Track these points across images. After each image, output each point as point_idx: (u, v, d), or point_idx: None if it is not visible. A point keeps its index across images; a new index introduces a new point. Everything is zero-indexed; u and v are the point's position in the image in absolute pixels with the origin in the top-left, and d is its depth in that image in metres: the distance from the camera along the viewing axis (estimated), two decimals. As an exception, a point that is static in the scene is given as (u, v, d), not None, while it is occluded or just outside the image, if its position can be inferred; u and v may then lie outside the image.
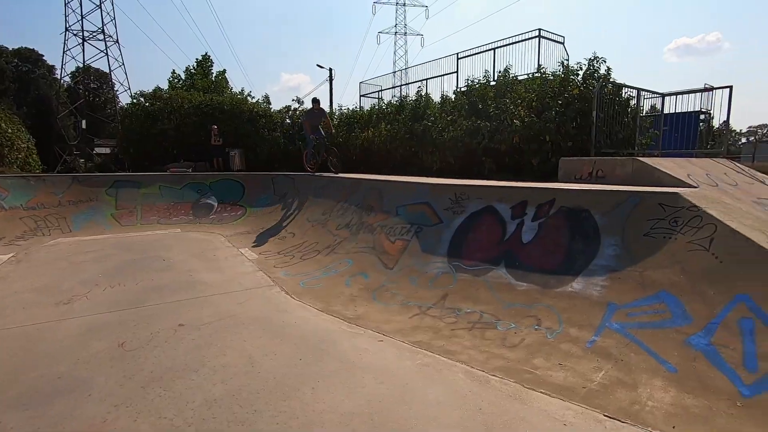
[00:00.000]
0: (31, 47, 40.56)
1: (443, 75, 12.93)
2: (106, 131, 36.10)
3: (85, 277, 5.56)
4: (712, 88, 7.83)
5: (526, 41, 10.42)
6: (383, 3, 57.25)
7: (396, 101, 13.11)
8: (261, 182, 11.50)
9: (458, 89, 11.35)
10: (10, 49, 38.60)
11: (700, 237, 3.36)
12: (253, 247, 7.59)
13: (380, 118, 12.62)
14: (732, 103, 7.41)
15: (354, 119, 13.71)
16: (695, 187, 4.47)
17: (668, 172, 4.91)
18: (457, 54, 12.32)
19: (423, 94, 12.07)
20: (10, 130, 12.54)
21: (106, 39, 35.54)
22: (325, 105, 14.41)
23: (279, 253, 6.94)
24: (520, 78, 9.82)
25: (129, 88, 37.50)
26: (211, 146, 13.26)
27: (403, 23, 56.91)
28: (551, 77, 8.55)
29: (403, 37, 57.34)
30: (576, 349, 3.13)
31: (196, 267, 6.17)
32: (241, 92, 17.48)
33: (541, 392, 2.73)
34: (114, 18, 36.38)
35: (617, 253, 3.72)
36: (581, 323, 3.35)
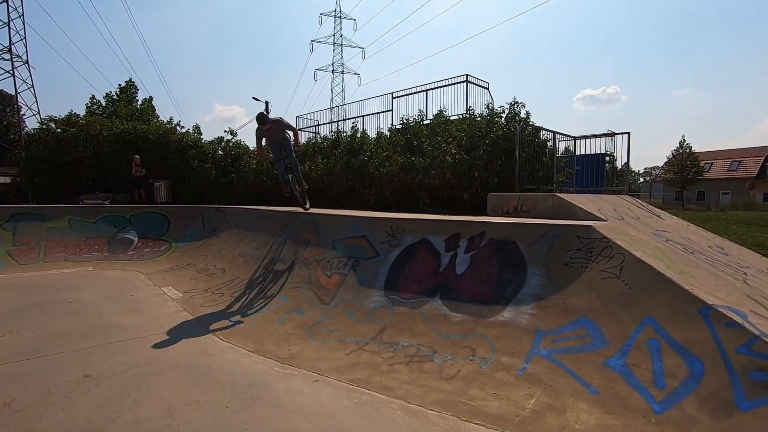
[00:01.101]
0: None
1: (379, 112, 13.39)
2: (7, 158, 32.28)
3: (-33, 326, 4.76)
4: (614, 134, 8.90)
5: (455, 85, 11.19)
6: (320, 42, 58.89)
7: (332, 136, 13.26)
8: (189, 215, 10.85)
9: (393, 126, 11.78)
10: None
11: (612, 265, 3.69)
12: (177, 285, 7.03)
13: (316, 152, 12.65)
14: (630, 146, 8.46)
15: (290, 152, 13.60)
16: (605, 221, 4.95)
17: (582, 207, 5.40)
18: (392, 93, 12.87)
19: (359, 129, 12.36)
20: None
21: (13, 58, 32.51)
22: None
23: (207, 291, 6.49)
24: (451, 118, 10.45)
25: (38, 113, 34.25)
26: (132, 177, 12.36)
27: (340, 62, 58.71)
28: (479, 118, 9.21)
29: (341, 75, 59.02)
30: (509, 377, 3.22)
31: (110, 309, 5.56)
32: (170, 121, 16.69)
33: (477, 424, 2.75)
34: (24, 36, 33.57)
35: (542, 281, 3.95)
36: (513, 351, 3.46)
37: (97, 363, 3.76)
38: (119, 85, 26.96)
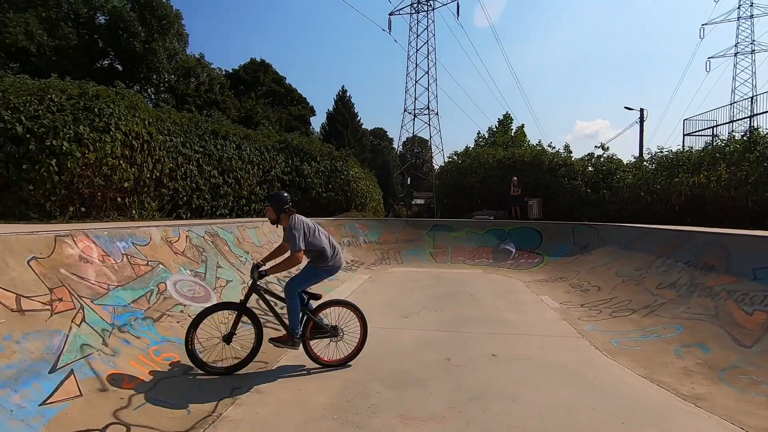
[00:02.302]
0: (380, 126, 55.47)
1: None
2: (421, 186, 44.40)
3: (416, 300, 6.91)
4: None
5: None
6: (716, 23, 47.00)
7: (743, 136, 10.30)
8: (560, 231, 11.27)
9: None
10: (369, 129, 53.97)
11: None
12: (552, 295, 7.45)
13: (717, 160, 10.19)
14: None
15: (677, 163, 11.62)
16: None
17: None
18: None
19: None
20: (371, 187, 17.37)
21: (430, 113, 44.36)
22: (634, 149, 12.61)
23: (583, 306, 6.53)
24: None
25: (442, 150, 45.15)
26: (510, 196, 14.13)
27: (749, 38, 44.73)
28: None
29: (750, 56, 44.85)
30: None
31: (499, 306, 6.60)
32: (539, 143, 17.97)
33: None
34: (436, 96, 45.18)
35: None
36: None
37: (498, 347, 4.57)
38: (498, 119, 31.58)
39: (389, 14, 40.00)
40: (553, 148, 16.43)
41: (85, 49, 25.85)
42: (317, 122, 44.14)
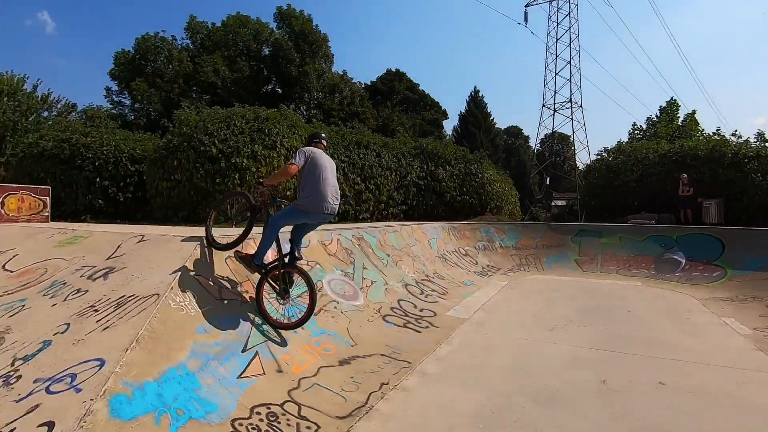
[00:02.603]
0: (514, 124, 52.80)
1: None
2: (562, 186, 40.78)
3: (561, 312, 6.42)
4: None
5: None
6: None
7: None
8: (750, 239, 9.17)
9: None
10: (502, 128, 51.83)
11: None
12: (741, 318, 6.12)
13: None
14: None
15: None
16: None
17: None
18: None
19: None
20: (506, 189, 16.72)
21: (572, 106, 40.56)
22: None
23: (788, 335, 5.22)
24: None
25: (587, 146, 40.83)
26: (678, 197, 12.04)
27: None
28: None
29: None
30: None
31: (664, 326, 5.71)
32: (717, 132, 14.90)
33: None
34: (580, 87, 41.04)
35: None
36: None
37: (668, 374, 3.96)
38: (660, 107, 27.19)
39: (525, 6, 37.82)
40: (738, 137, 13.48)
41: (255, 77, 30.71)
42: (449, 125, 44.15)
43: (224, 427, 2.70)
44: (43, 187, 7.95)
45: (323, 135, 4.55)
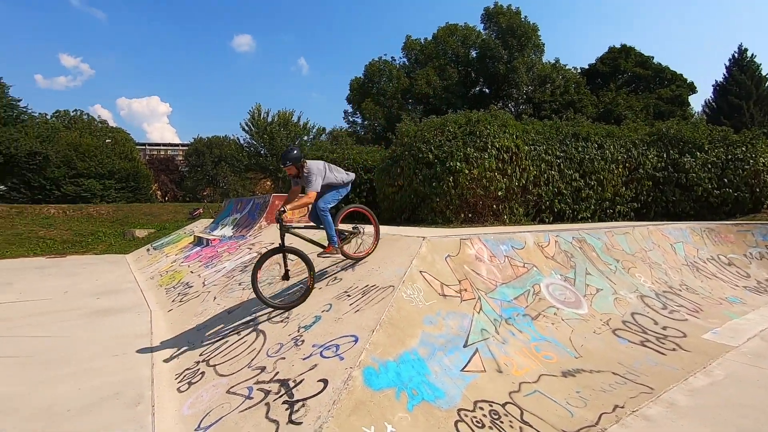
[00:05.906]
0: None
1: None
2: None
3: None
4: None
5: None
6: None
7: None
8: None
9: None
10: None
11: None
12: None
13: None
14: None
15: None
16: None
17: None
18: None
19: None
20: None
21: None
22: None
23: None
24: None
25: None
26: None
27: None
28: None
29: None
30: None
31: None
32: None
33: None
34: None
35: None
36: None
37: None
38: None
39: None
40: None
41: (462, 81, 31.70)
42: (696, 101, 35.14)
43: (451, 414, 2.92)
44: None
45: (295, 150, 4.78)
